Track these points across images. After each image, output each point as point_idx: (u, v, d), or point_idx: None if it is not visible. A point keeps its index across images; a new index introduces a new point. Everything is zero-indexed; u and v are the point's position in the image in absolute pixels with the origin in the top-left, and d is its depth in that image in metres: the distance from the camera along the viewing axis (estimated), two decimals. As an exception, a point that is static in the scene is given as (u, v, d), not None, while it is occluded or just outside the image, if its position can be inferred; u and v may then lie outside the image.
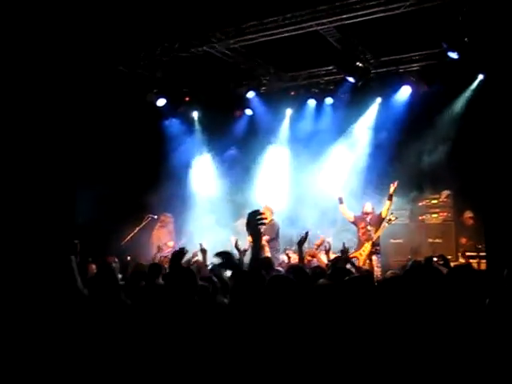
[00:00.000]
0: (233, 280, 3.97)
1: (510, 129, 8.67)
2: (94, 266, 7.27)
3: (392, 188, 9.64)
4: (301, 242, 6.61)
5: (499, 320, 3.29)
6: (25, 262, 5.71)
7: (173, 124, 12.83)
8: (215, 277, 4.74)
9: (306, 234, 6.78)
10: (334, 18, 8.93)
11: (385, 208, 9.70)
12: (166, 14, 8.92)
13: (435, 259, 6.43)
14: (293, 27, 9.25)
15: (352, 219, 9.96)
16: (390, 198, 9.68)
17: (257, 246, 3.67)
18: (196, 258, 7.43)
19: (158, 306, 3.73)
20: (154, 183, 11.62)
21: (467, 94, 10.36)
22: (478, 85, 10.18)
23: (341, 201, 10.01)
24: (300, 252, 6.59)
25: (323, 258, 9.16)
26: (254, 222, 3.59)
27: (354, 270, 6.37)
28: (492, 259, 7.87)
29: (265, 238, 9.94)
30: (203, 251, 7.01)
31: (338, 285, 3.61)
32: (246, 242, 10.34)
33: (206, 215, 11.57)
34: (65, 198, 10.68)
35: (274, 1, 8.70)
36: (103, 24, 8.89)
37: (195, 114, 12.97)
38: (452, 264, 7.00)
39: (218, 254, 7.08)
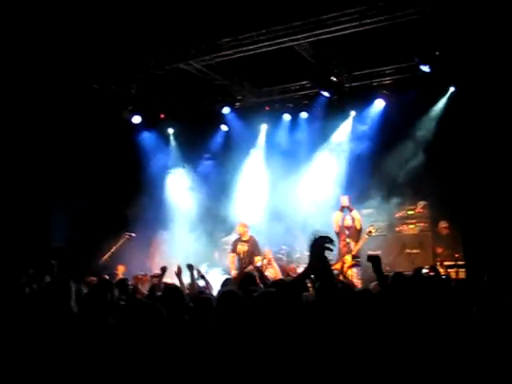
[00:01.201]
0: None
1: (481, 139, 8.91)
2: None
3: (345, 201, 10.03)
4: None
5: (488, 325, 3.33)
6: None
7: (148, 138, 12.75)
8: None
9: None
10: (308, 34, 9.05)
11: (357, 221, 9.86)
12: (141, 33, 8.92)
13: (426, 270, 6.45)
14: (267, 43, 9.33)
15: (337, 229, 10.01)
16: (350, 210, 9.99)
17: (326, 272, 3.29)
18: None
19: (143, 326, 3.63)
20: (130, 198, 11.52)
21: (440, 105, 10.56)
22: (450, 97, 10.40)
23: (342, 209, 10.13)
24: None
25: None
26: (322, 247, 3.21)
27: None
28: (471, 267, 8.00)
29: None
30: (190, 267, 6.98)
31: (325, 301, 3.54)
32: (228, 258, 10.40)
33: (185, 230, 11.51)
34: (40, 218, 10.56)
35: (248, 17, 8.76)
36: (78, 43, 8.86)
37: (170, 131, 12.96)
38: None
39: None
